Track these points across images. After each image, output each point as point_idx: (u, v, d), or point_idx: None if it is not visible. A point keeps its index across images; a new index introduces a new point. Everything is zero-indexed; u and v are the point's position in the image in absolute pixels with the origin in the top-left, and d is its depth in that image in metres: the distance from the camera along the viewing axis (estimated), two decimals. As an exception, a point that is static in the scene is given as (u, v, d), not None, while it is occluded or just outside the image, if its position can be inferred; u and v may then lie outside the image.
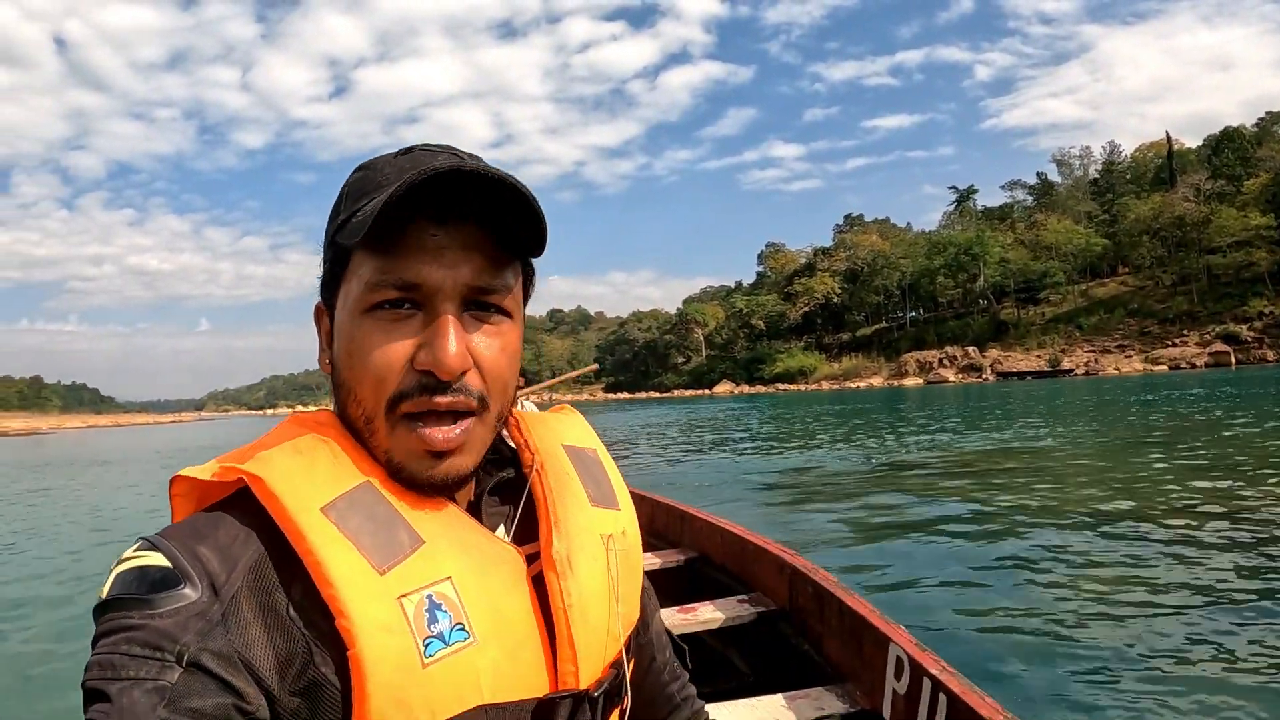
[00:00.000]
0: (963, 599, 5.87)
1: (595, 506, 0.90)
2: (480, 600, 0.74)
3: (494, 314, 0.77)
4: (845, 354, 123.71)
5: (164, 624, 0.64)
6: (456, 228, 0.73)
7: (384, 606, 0.69)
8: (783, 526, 9.19)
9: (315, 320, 0.84)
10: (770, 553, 3.12)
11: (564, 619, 0.79)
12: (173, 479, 0.78)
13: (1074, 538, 7.51)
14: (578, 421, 1.01)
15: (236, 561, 0.70)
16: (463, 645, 0.72)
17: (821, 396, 75.54)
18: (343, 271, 0.76)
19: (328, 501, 0.72)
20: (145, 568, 0.67)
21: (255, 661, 0.66)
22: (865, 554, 7.56)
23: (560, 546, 0.82)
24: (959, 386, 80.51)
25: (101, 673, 0.62)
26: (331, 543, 0.69)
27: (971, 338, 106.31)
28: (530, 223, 0.74)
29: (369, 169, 0.78)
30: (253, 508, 0.73)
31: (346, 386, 0.77)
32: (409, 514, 0.75)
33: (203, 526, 0.72)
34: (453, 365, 0.72)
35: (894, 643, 2.15)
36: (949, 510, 9.31)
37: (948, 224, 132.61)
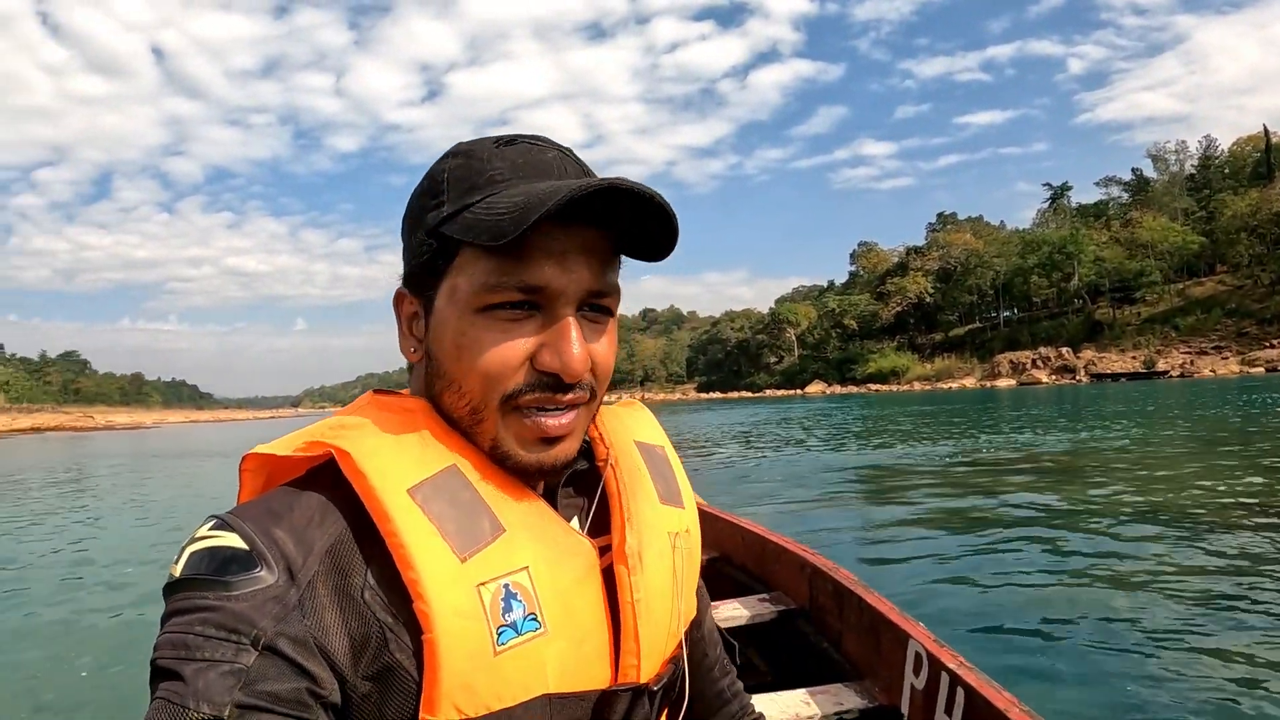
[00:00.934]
0: (1003, 596, 5.87)
1: (664, 504, 0.90)
2: (553, 591, 0.75)
3: (602, 314, 0.78)
4: (938, 354, 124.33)
5: (240, 607, 0.64)
6: (579, 231, 0.73)
7: (463, 593, 0.69)
8: (852, 517, 9.69)
9: (395, 306, 0.83)
10: (791, 552, 3.12)
11: (631, 613, 0.80)
12: (245, 456, 0.78)
13: (1156, 546, 7.17)
14: (647, 417, 1.01)
15: (313, 545, 0.69)
16: (534, 635, 0.72)
17: (913, 397, 76.24)
18: (447, 264, 0.75)
19: (415, 483, 0.72)
20: (221, 548, 0.67)
21: (330, 646, 0.67)
22: (922, 547, 7.71)
23: (633, 541, 0.83)
24: (1052, 388, 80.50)
25: (175, 651, 0.62)
26: (416, 525, 0.70)
27: (1065, 338, 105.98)
28: (668, 233, 0.76)
29: (471, 157, 0.77)
30: (330, 486, 0.73)
31: (449, 378, 0.76)
32: (492, 501, 0.75)
33: (278, 506, 0.71)
34: (578, 370, 0.73)
35: (912, 639, 2.16)
36: (1015, 510, 9.23)
37: (1041, 222, 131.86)
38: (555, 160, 0.77)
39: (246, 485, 0.79)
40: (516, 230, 0.66)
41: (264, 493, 0.77)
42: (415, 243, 0.78)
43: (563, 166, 0.77)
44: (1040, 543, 7.50)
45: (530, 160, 0.76)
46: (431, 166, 0.81)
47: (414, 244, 0.79)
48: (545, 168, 0.76)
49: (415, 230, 0.79)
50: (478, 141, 0.80)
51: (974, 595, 5.99)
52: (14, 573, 8.57)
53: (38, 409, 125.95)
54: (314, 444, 0.74)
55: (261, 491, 0.78)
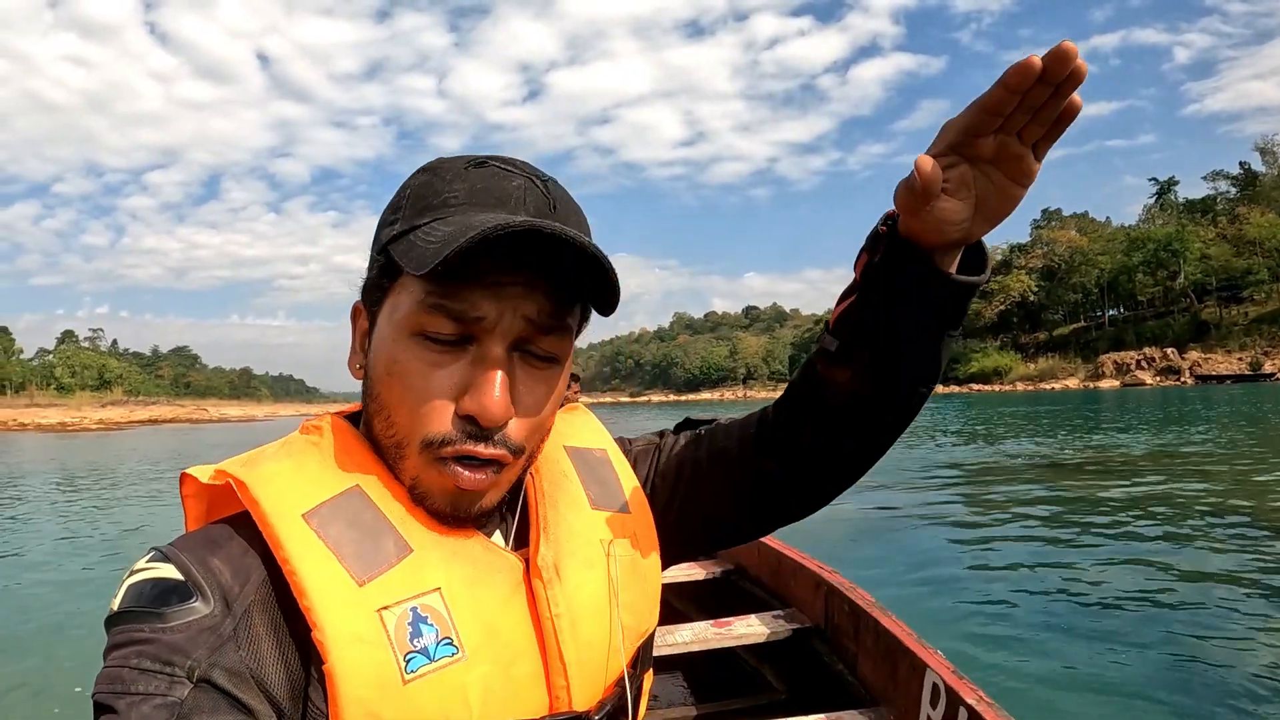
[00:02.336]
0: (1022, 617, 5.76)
1: (597, 509, 0.86)
2: (472, 613, 0.71)
3: (546, 362, 0.75)
4: (1041, 354, 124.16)
5: (174, 638, 0.63)
6: (519, 268, 0.70)
7: (361, 618, 0.66)
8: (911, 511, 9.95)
9: (352, 319, 0.81)
10: (807, 569, 3.03)
11: (552, 630, 0.75)
12: (182, 477, 0.77)
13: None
14: (587, 421, 0.98)
15: (250, 574, 0.68)
16: (449, 661, 0.69)
17: (1014, 398, 76.75)
18: (391, 282, 0.73)
19: (310, 508, 0.70)
20: (158, 579, 0.66)
21: (266, 678, 0.65)
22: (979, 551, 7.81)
23: (547, 553, 0.78)
24: (1156, 390, 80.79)
25: (110, 686, 0.61)
26: (309, 551, 0.67)
27: (1171, 338, 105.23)
28: (604, 288, 0.72)
29: (435, 174, 0.75)
30: None
31: (380, 403, 0.74)
32: (399, 521, 0.73)
33: (216, 536, 0.71)
34: (496, 416, 0.70)
35: (930, 668, 2.09)
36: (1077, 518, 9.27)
37: (1147, 218, 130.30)
38: (517, 189, 0.74)
39: (190, 512, 0.79)
40: (435, 261, 0.64)
41: (209, 519, 0.77)
42: (371, 257, 0.78)
43: (522, 198, 0.73)
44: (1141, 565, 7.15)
45: (490, 186, 0.73)
46: (406, 179, 0.79)
47: (370, 257, 0.78)
48: (502, 196, 0.73)
49: (373, 244, 0.78)
50: (450, 160, 0.77)
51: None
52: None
53: (154, 401, 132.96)
54: (220, 472, 0.73)
55: (206, 519, 0.78)
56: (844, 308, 0.80)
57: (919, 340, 0.77)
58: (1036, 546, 7.94)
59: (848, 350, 0.80)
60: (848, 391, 0.82)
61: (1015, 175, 0.67)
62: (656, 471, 0.96)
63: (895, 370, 0.80)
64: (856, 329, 0.79)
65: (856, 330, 0.79)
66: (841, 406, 0.83)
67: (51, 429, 64.80)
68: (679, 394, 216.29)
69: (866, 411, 0.83)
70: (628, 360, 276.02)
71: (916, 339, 0.77)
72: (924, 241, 0.72)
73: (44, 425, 68.81)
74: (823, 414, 0.85)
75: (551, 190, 0.76)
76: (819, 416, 0.85)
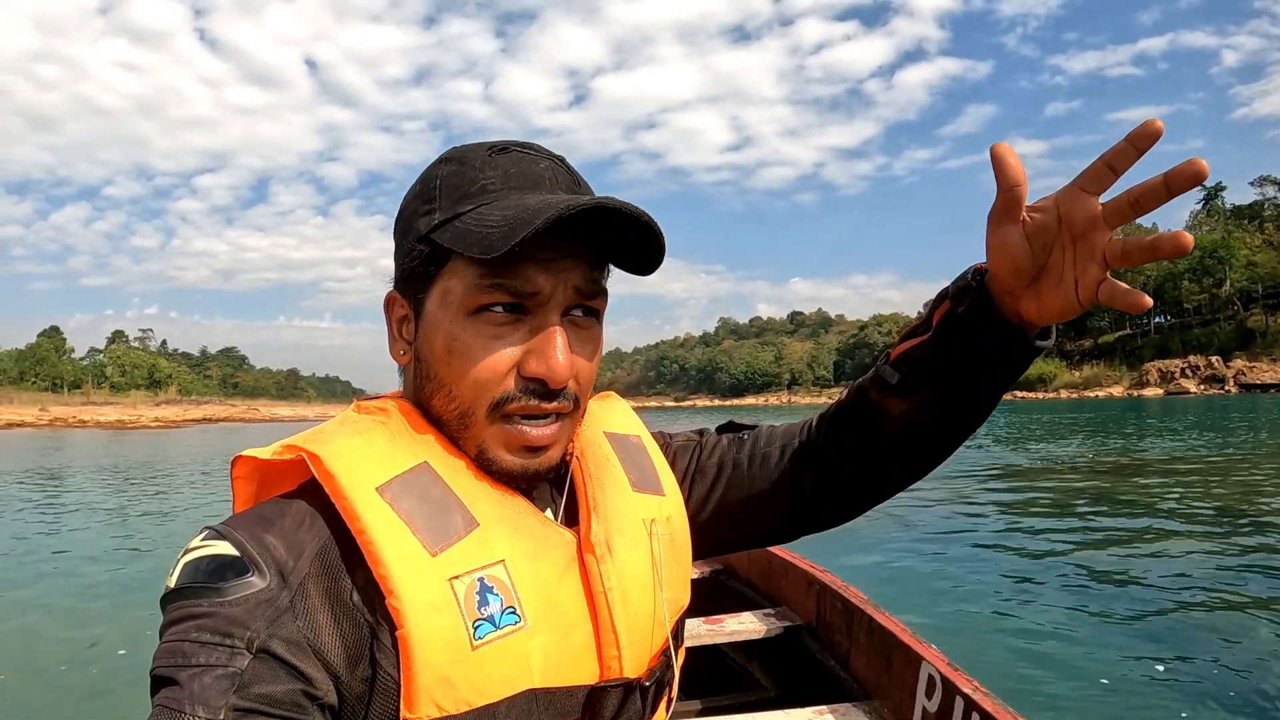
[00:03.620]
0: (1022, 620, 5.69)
1: (637, 491, 0.90)
2: (533, 584, 0.74)
3: (589, 318, 0.79)
4: (1086, 361, 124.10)
5: (233, 611, 0.65)
6: (567, 243, 0.74)
7: (434, 587, 0.69)
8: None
9: (386, 309, 0.84)
10: (798, 567, 3.01)
11: (605, 603, 0.79)
12: (234, 460, 0.79)
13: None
14: (621, 407, 1.02)
15: (303, 548, 0.71)
16: (513, 629, 0.72)
17: (1057, 405, 77.16)
18: (438, 269, 0.76)
19: (383, 482, 0.73)
20: (213, 556, 0.68)
21: (323, 647, 0.67)
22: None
23: (599, 530, 0.82)
24: (1200, 398, 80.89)
25: (171, 659, 0.63)
26: (384, 522, 0.70)
27: (1216, 346, 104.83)
28: (653, 253, 0.77)
29: (464, 164, 0.78)
30: (318, 493, 0.73)
31: (439, 381, 0.77)
32: (466, 496, 0.76)
33: (269, 514, 0.73)
34: (562, 376, 0.74)
35: (925, 661, 2.09)
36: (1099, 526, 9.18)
37: (1194, 224, 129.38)
38: (546, 170, 0.78)
39: (239, 494, 0.81)
40: (505, 246, 0.67)
41: (258, 500, 0.79)
42: (407, 246, 0.79)
43: (554, 177, 0.78)
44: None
45: (522, 170, 0.77)
46: (424, 171, 0.82)
47: (405, 248, 0.80)
48: (536, 178, 0.77)
49: (407, 234, 0.80)
50: (470, 148, 0.81)
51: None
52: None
53: (206, 401, 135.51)
54: (290, 448, 0.75)
55: (254, 500, 0.80)
56: (910, 345, 0.85)
57: (984, 390, 0.84)
58: (1040, 549, 8.01)
59: (908, 385, 0.86)
60: (900, 422, 0.88)
61: (1083, 270, 0.71)
62: (697, 467, 1.00)
63: (954, 411, 0.86)
64: (921, 368, 0.85)
65: (921, 369, 0.85)
66: (890, 434, 0.90)
67: (110, 426, 66.84)
68: (723, 399, 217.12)
69: (914, 441, 0.90)
70: (672, 365, 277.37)
71: (982, 388, 0.84)
72: (1002, 294, 0.77)
73: (102, 423, 71.16)
74: (870, 438, 0.91)
75: (571, 168, 0.82)
76: (866, 440, 0.92)
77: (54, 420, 72.32)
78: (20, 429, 62.35)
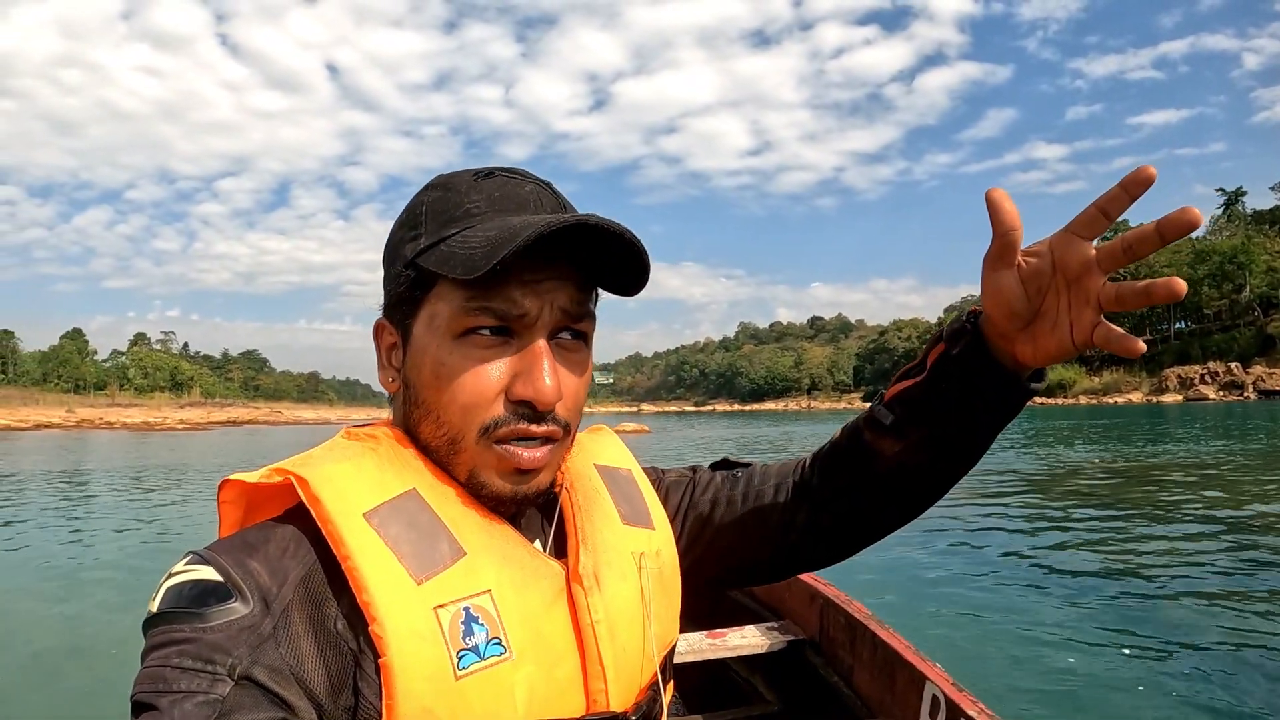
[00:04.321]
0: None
1: (627, 525, 0.89)
2: (519, 615, 0.74)
3: (576, 341, 0.79)
4: (1106, 367, 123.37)
5: (215, 637, 0.64)
6: (551, 263, 0.74)
7: (419, 615, 0.69)
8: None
9: (375, 337, 0.84)
10: (801, 580, 2.96)
11: (592, 635, 0.78)
12: (221, 484, 0.78)
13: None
14: (612, 441, 1.02)
15: (287, 575, 0.70)
16: (498, 660, 0.71)
17: (1076, 411, 76.89)
18: (424, 294, 0.76)
19: (371, 508, 0.72)
20: (196, 580, 0.67)
21: (307, 675, 0.67)
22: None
23: (587, 561, 0.81)
24: (1219, 405, 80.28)
25: (152, 685, 0.62)
26: (370, 548, 0.70)
27: (1236, 352, 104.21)
28: (636, 272, 0.77)
29: (449, 189, 0.79)
30: (304, 519, 0.73)
31: (427, 407, 0.77)
32: (454, 524, 0.75)
33: (253, 539, 0.72)
34: (550, 398, 0.74)
35: (930, 680, 2.05)
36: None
37: (1214, 229, 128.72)
38: (531, 194, 0.79)
39: (225, 518, 0.80)
40: (488, 265, 0.67)
41: (244, 525, 0.78)
42: (394, 273, 0.80)
43: (539, 200, 0.79)
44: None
45: (506, 194, 0.78)
46: (412, 199, 0.82)
47: (393, 274, 0.80)
48: (521, 201, 0.78)
49: (394, 261, 0.80)
50: (457, 174, 0.81)
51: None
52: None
53: (230, 404, 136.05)
54: (278, 471, 0.74)
55: (241, 524, 0.79)
56: (904, 387, 0.86)
57: (978, 431, 0.84)
58: (1053, 558, 7.96)
59: (901, 426, 0.86)
60: (894, 462, 0.89)
61: (1077, 314, 0.72)
62: (690, 504, 1.00)
63: (947, 452, 0.87)
64: (914, 408, 0.85)
65: (914, 409, 0.85)
66: (884, 475, 0.90)
67: (136, 428, 67.34)
68: (743, 404, 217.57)
69: (908, 481, 0.90)
70: (692, 369, 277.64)
71: (976, 430, 0.84)
72: (997, 336, 0.78)
73: (130, 424, 71.88)
74: (864, 478, 0.92)
75: (556, 192, 0.83)
76: (860, 480, 0.92)
77: (81, 421, 73.26)
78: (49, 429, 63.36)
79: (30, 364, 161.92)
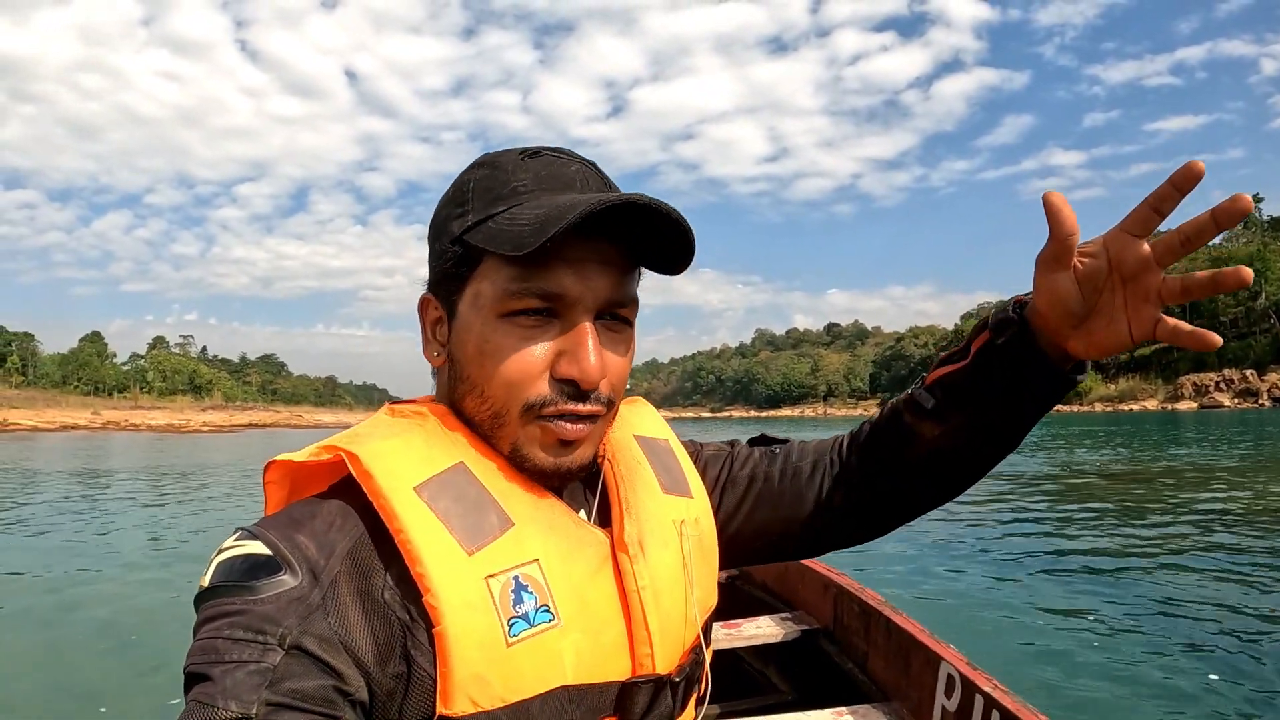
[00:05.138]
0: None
1: (667, 494, 0.91)
2: (566, 583, 0.75)
3: (620, 323, 0.80)
4: (1123, 374, 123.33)
5: (266, 609, 0.66)
6: (597, 243, 0.75)
7: (471, 585, 0.70)
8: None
9: (420, 312, 0.85)
10: (815, 571, 3.00)
11: (638, 601, 0.80)
12: (267, 465, 0.80)
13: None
14: (649, 412, 1.03)
15: (334, 547, 0.71)
16: (547, 626, 0.73)
17: (1092, 418, 77.33)
18: (470, 271, 0.77)
19: (421, 481, 0.73)
20: (246, 555, 0.69)
21: (355, 644, 0.68)
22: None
23: (631, 530, 0.83)
24: (1235, 412, 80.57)
25: (204, 656, 0.64)
26: (422, 521, 0.71)
27: (1252, 360, 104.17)
28: (684, 247, 0.77)
29: (496, 168, 0.80)
30: (350, 493, 0.75)
31: (472, 383, 0.78)
32: (501, 496, 0.76)
33: (299, 515, 0.74)
34: (594, 377, 0.75)
35: (945, 660, 2.06)
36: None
37: (1230, 235, 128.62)
38: (577, 173, 0.79)
39: (271, 498, 0.82)
40: (537, 242, 0.68)
41: (289, 503, 0.80)
42: (440, 249, 0.81)
43: (585, 179, 0.79)
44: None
45: (553, 173, 0.78)
46: (458, 176, 0.83)
47: (438, 251, 0.81)
48: (568, 180, 0.78)
49: (440, 237, 0.81)
50: (503, 153, 0.82)
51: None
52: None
53: (250, 407, 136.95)
54: (327, 448, 0.76)
55: (286, 503, 0.81)
56: (946, 372, 0.87)
57: (1018, 419, 0.85)
58: (1061, 553, 8.02)
59: (942, 410, 0.87)
60: (933, 445, 0.90)
61: (1135, 310, 0.72)
62: (728, 478, 1.01)
63: (987, 437, 0.87)
64: (956, 394, 0.86)
65: (956, 395, 0.86)
66: (924, 456, 0.91)
67: (161, 430, 68.48)
68: (760, 410, 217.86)
69: (946, 464, 0.92)
70: (709, 376, 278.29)
71: (1017, 418, 0.85)
72: (1046, 330, 0.78)
73: (154, 426, 72.98)
74: (902, 459, 0.93)
75: (602, 172, 0.83)
76: (898, 460, 0.94)
77: (107, 423, 74.62)
78: (74, 430, 64.53)
79: (50, 366, 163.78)
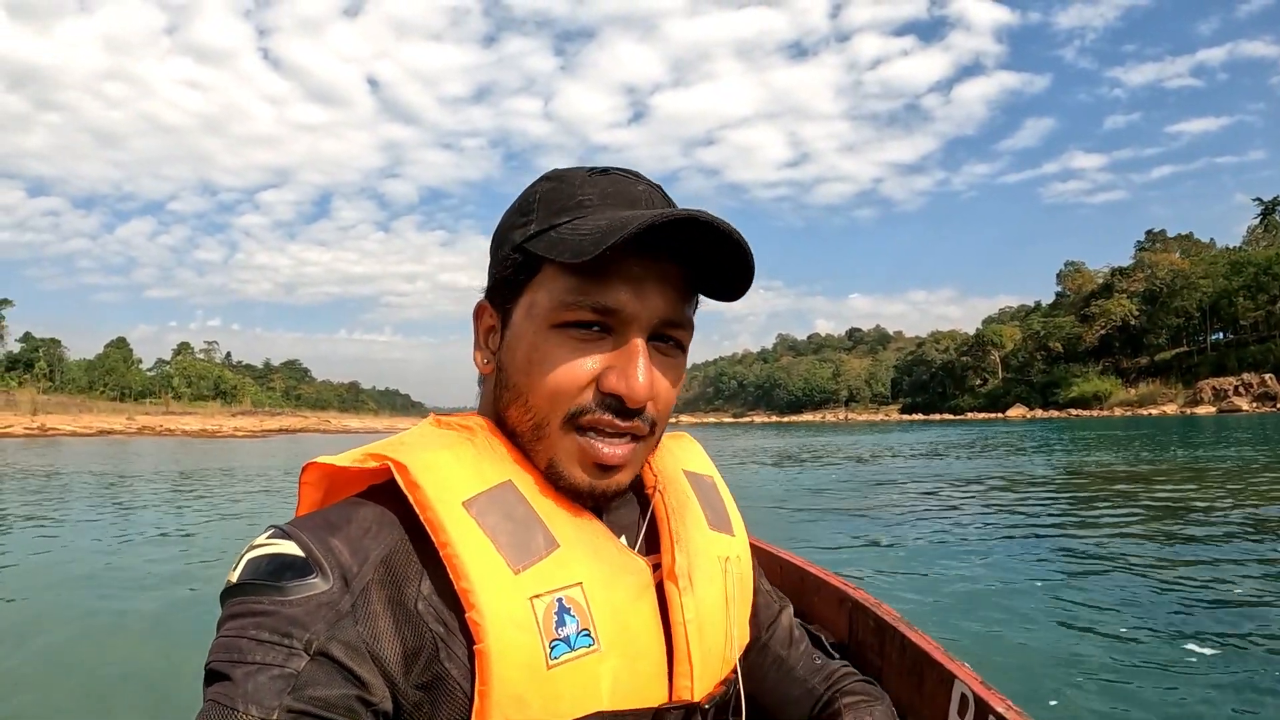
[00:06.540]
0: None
1: (713, 530, 0.92)
2: (608, 608, 0.75)
3: (673, 346, 0.80)
4: (1142, 379, 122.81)
5: (293, 611, 0.65)
6: (656, 261, 0.75)
7: (516, 604, 0.70)
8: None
9: (475, 319, 0.86)
10: (831, 585, 2.68)
11: (683, 633, 0.80)
12: (305, 466, 0.80)
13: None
14: (696, 449, 1.04)
15: (368, 554, 0.70)
16: (587, 651, 0.72)
17: (1112, 422, 76.21)
18: (528, 280, 0.77)
19: (469, 497, 0.73)
20: (278, 554, 0.68)
21: (382, 654, 0.67)
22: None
23: (683, 562, 0.83)
24: (1253, 416, 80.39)
25: (227, 655, 0.63)
26: (470, 537, 0.71)
27: (1272, 364, 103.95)
28: (743, 271, 0.77)
29: (563, 182, 0.81)
30: (388, 499, 0.74)
31: (517, 391, 0.78)
32: (547, 516, 0.76)
33: (335, 518, 0.73)
34: (642, 395, 0.74)
35: (959, 679, 1.83)
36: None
37: (1251, 239, 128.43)
38: (644, 193, 0.80)
39: (305, 498, 0.81)
40: (596, 250, 0.68)
41: (323, 506, 0.79)
42: (501, 257, 0.81)
43: (650, 199, 0.80)
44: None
45: (619, 190, 0.79)
46: (525, 189, 0.84)
47: (499, 258, 0.82)
48: (633, 198, 0.79)
49: (502, 245, 0.82)
50: (572, 169, 0.83)
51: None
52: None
53: (279, 412, 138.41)
54: (374, 456, 0.76)
55: (319, 505, 0.81)
56: None
57: None
58: (1081, 560, 7.79)
59: None
60: None
61: None
62: (764, 619, 1.07)
63: None
64: None
65: None
66: None
67: (194, 434, 70.08)
68: (781, 415, 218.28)
69: None
70: (731, 381, 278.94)
71: None
72: None
73: (188, 431, 74.57)
74: None
75: (667, 195, 0.84)
76: None
77: (142, 429, 76.33)
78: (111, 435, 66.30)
79: (76, 372, 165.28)
